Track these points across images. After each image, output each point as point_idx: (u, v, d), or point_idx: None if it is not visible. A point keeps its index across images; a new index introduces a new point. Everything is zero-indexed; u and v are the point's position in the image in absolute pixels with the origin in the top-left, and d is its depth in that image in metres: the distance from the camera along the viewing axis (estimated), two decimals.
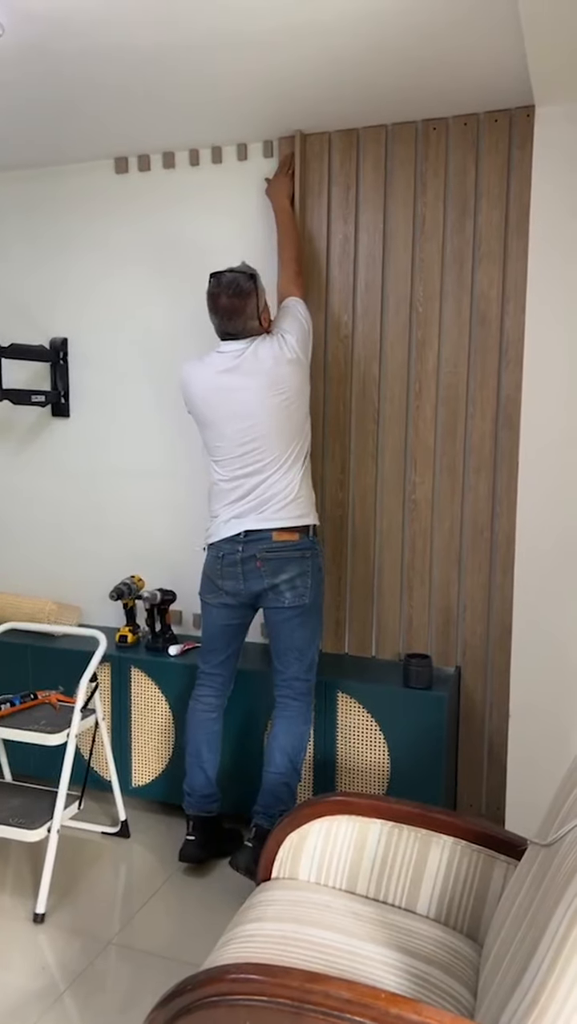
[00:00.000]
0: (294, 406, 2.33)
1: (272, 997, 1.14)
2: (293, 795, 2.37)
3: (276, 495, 2.33)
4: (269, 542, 2.32)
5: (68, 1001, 1.95)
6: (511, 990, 1.12)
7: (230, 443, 2.33)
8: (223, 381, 2.32)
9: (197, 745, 2.46)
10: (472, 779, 2.65)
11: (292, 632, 2.36)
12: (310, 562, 2.36)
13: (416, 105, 2.40)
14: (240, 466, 2.34)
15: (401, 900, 1.65)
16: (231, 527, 2.37)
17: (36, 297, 3.11)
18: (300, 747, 2.37)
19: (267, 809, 2.34)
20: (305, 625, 2.37)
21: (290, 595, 2.33)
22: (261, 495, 2.34)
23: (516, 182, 2.43)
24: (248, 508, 2.35)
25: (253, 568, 2.34)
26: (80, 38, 2.00)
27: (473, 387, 2.55)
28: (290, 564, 2.33)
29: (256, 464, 2.32)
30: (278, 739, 2.37)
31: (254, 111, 2.46)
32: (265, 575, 2.34)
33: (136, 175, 2.90)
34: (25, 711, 2.49)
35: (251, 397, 2.29)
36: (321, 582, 2.42)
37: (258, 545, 2.33)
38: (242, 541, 2.35)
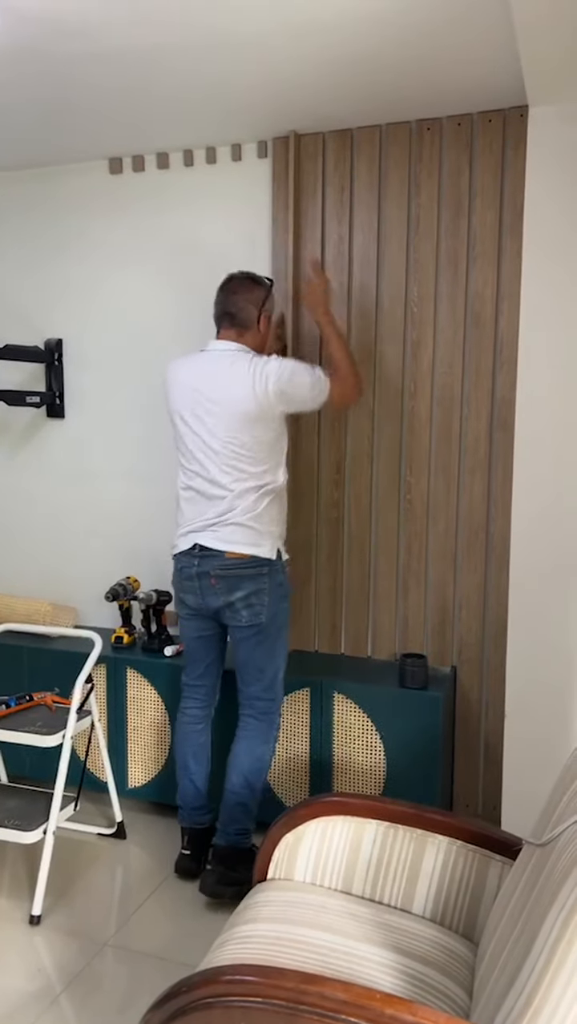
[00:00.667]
0: (260, 430, 2.22)
1: (267, 998, 1.14)
2: (250, 815, 2.33)
3: (232, 520, 2.24)
4: (223, 558, 2.25)
5: (65, 1003, 1.95)
6: (506, 990, 1.13)
7: (193, 448, 2.28)
8: (200, 384, 2.26)
9: (184, 758, 2.44)
10: (468, 779, 2.66)
11: (251, 651, 2.31)
12: (268, 579, 2.26)
13: (410, 105, 2.40)
14: (203, 477, 2.27)
15: (397, 900, 1.65)
16: (188, 540, 2.31)
17: (31, 298, 3.11)
18: (260, 768, 2.32)
19: (224, 827, 2.32)
20: (263, 644, 2.30)
21: (246, 613, 2.26)
22: (217, 513, 2.25)
23: (510, 182, 2.43)
24: (206, 522, 2.27)
25: (208, 585, 2.28)
26: (75, 39, 2.00)
27: (468, 387, 2.55)
28: (245, 582, 2.24)
29: (216, 482, 2.25)
30: (237, 759, 2.33)
31: (248, 112, 2.46)
32: (220, 592, 2.26)
33: (130, 176, 2.90)
34: (21, 712, 2.49)
35: (218, 411, 2.23)
36: (283, 599, 2.33)
37: (212, 561, 2.26)
38: (197, 555, 2.29)
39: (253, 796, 2.32)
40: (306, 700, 2.54)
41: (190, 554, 2.30)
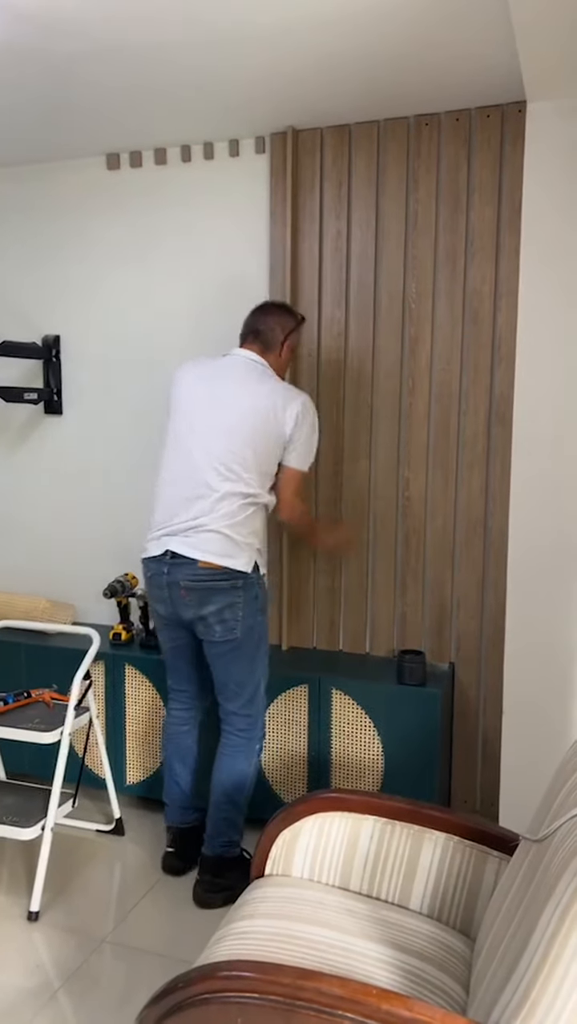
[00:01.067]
0: (255, 455, 2.18)
1: (264, 994, 1.14)
2: (236, 827, 2.31)
3: (209, 526, 2.16)
4: (195, 567, 2.16)
5: (62, 999, 1.95)
6: (503, 985, 1.13)
7: (186, 448, 2.21)
8: (218, 382, 2.23)
9: (170, 760, 2.43)
10: (466, 775, 2.66)
11: (227, 667, 2.25)
12: (242, 592, 2.18)
13: (408, 101, 2.40)
14: (187, 480, 2.19)
15: (394, 896, 1.65)
16: (159, 544, 2.22)
17: (28, 294, 3.10)
18: (243, 784, 2.29)
19: (211, 839, 2.30)
20: (239, 660, 2.23)
21: (220, 628, 2.19)
22: (195, 518, 2.17)
23: (508, 178, 2.43)
24: (180, 526, 2.19)
25: (179, 597, 2.19)
26: (72, 36, 1.99)
27: (466, 384, 2.55)
28: (217, 595, 2.16)
29: (202, 487, 2.17)
30: (219, 775, 2.29)
31: (246, 107, 2.45)
32: (191, 605, 2.18)
33: (128, 172, 2.89)
34: (19, 709, 2.49)
35: (231, 412, 2.19)
36: (259, 612, 2.24)
37: (183, 571, 2.16)
38: (168, 562, 2.19)
39: (238, 810, 2.30)
40: (304, 696, 2.54)
41: (160, 560, 2.22)
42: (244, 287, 2.77)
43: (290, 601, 2.81)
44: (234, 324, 2.79)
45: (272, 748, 2.60)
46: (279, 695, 2.56)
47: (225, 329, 2.80)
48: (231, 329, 2.79)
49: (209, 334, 2.83)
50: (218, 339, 2.81)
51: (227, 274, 2.80)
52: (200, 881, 2.31)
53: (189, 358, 2.43)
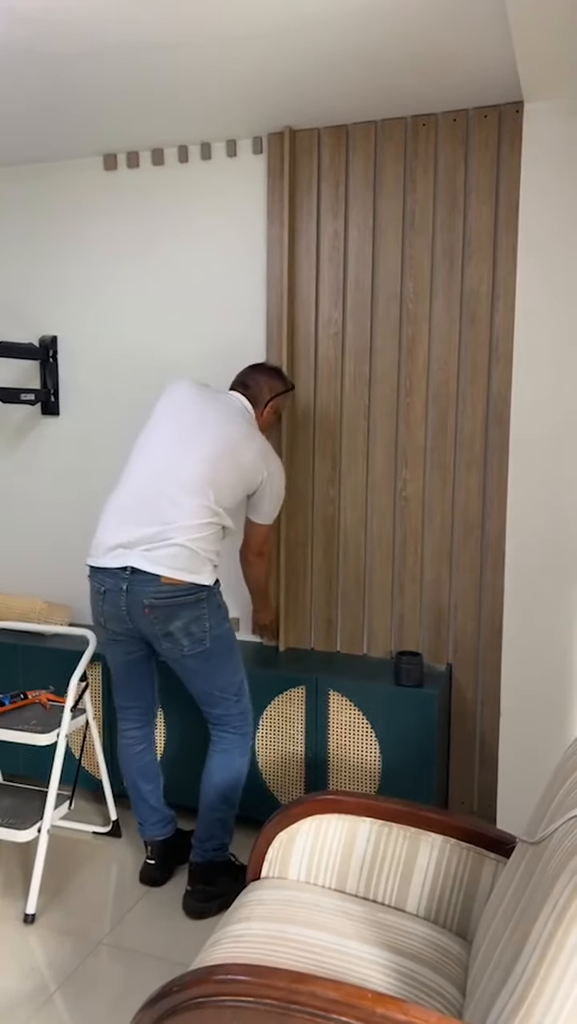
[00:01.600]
0: (233, 479, 2.20)
1: (258, 998, 1.13)
2: (228, 829, 2.30)
3: (174, 541, 2.10)
4: (158, 584, 2.09)
5: (59, 1001, 1.94)
6: (499, 988, 1.12)
7: (173, 443, 2.18)
8: (211, 404, 2.26)
9: (133, 779, 2.40)
10: (464, 776, 2.65)
11: (207, 678, 2.22)
12: (206, 604, 2.14)
13: (406, 101, 2.39)
14: (154, 493, 2.14)
15: (391, 898, 1.65)
16: (115, 556, 2.13)
17: (25, 295, 3.10)
18: (237, 781, 2.27)
19: (201, 844, 2.27)
20: (216, 668, 2.22)
21: (188, 642, 2.14)
22: (159, 533, 2.11)
23: (506, 178, 2.42)
24: (140, 540, 2.11)
25: (141, 614, 2.12)
26: (69, 36, 1.99)
27: (463, 384, 2.54)
28: (183, 610, 2.11)
29: (167, 503, 2.12)
30: (212, 776, 2.26)
31: (243, 108, 2.45)
32: (156, 622, 2.12)
33: (125, 172, 2.88)
34: (15, 711, 2.48)
35: (217, 432, 2.19)
36: (224, 620, 2.22)
37: (145, 588, 2.09)
38: (128, 579, 2.11)
39: (232, 809, 2.28)
40: (301, 698, 2.54)
41: (117, 576, 2.13)
42: (241, 287, 2.77)
43: (287, 602, 2.80)
44: (231, 324, 2.80)
45: (269, 749, 2.59)
46: (276, 696, 2.56)
47: (221, 329, 2.80)
48: (227, 330, 2.80)
49: (206, 335, 2.83)
50: (215, 340, 2.81)
51: (224, 274, 2.79)
52: (192, 891, 2.27)
53: (190, 376, 2.45)
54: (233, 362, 2.67)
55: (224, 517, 2.21)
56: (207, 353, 2.83)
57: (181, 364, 2.87)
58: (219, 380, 2.59)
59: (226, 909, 2.19)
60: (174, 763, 2.65)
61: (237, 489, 2.24)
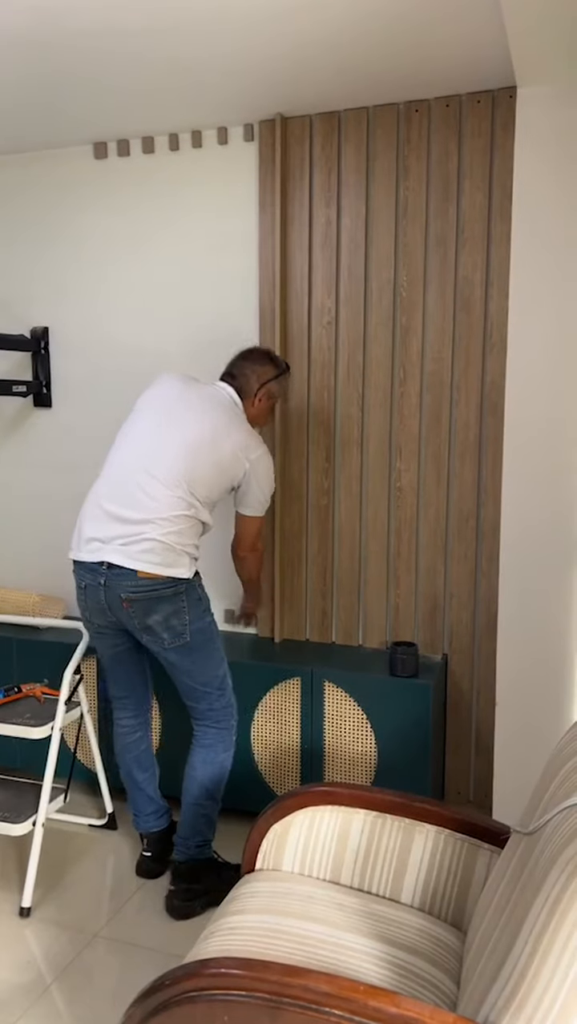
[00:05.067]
0: (212, 474, 2.15)
1: (251, 991, 1.12)
2: (212, 825, 2.27)
3: (149, 536, 2.07)
4: (134, 578, 2.07)
5: (55, 994, 1.94)
6: (492, 980, 1.11)
7: (151, 442, 2.15)
8: (194, 397, 2.22)
9: (128, 769, 2.40)
10: (460, 767, 2.65)
11: (188, 671, 2.20)
12: (185, 597, 2.12)
13: (398, 87, 2.36)
14: (131, 488, 2.11)
15: (385, 890, 1.64)
16: (92, 550, 2.12)
17: (15, 285, 3.07)
18: (220, 776, 2.25)
19: (185, 842, 2.25)
20: (197, 663, 2.19)
21: (168, 636, 2.13)
22: (135, 529, 2.08)
23: (499, 165, 2.40)
24: (116, 537, 2.09)
25: (121, 608, 2.12)
26: (58, 22, 1.96)
27: (457, 373, 2.53)
28: (161, 603, 2.09)
29: (145, 497, 2.09)
30: (195, 771, 2.24)
31: (234, 95, 2.42)
32: (135, 615, 2.11)
33: (115, 160, 2.85)
34: (9, 704, 2.47)
35: (197, 428, 2.15)
36: (205, 612, 2.19)
37: (123, 582, 2.07)
38: (104, 573, 2.10)
39: (215, 804, 2.26)
40: (296, 689, 2.53)
41: (95, 571, 2.12)
42: (233, 276, 2.75)
43: (282, 593, 2.79)
44: (223, 314, 2.77)
45: (264, 741, 2.59)
46: (271, 688, 2.55)
47: (214, 319, 2.78)
48: (220, 319, 2.77)
49: (198, 325, 2.81)
50: (207, 330, 2.79)
51: (216, 263, 2.77)
52: (175, 891, 2.23)
53: (181, 367, 2.41)
54: (225, 351, 2.64)
55: (200, 511, 2.15)
56: (199, 343, 2.81)
57: (173, 354, 2.85)
58: (211, 369, 2.56)
59: (212, 907, 2.20)
60: (170, 754, 2.64)
61: (217, 481, 2.18)
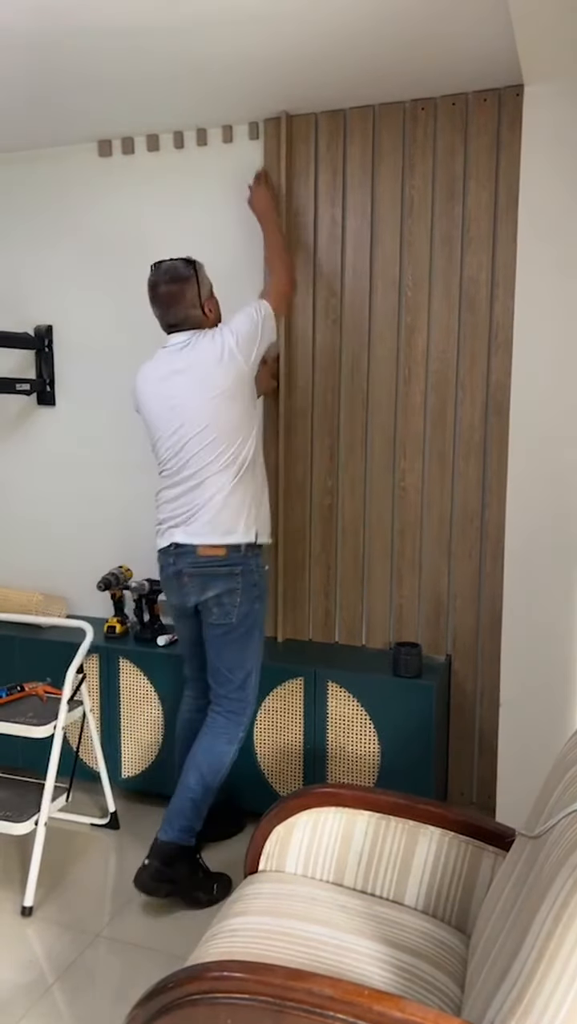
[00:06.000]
0: (224, 406, 2.18)
1: (254, 995, 1.12)
2: (199, 814, 2.25)
3: (203, 504, 2.20)
4: (194, 556, 2.21)
5: (57, 994, 1.94)
6: (497, 984, 1.11)
7: (165, 444, 2.25)
8: (163, 376, 2.25)
9: (182, 745, 2.43)
10: (463, 768, 2.64)
11: (219, 651, 2.27)
12: (240, 579, 2.21)
13: (404, 85, 2.35)
14: (175, 470, 2.24)
15: (389, 892, 1.63)
16: (166, 537, 2.28)
17: (20, 283, 3.06)
18: (219, 768, 2.26)
19: (169, 821, 2.24)
20: (231, 645, 2.25)
21: (217, 611, 2.23)
22: (191, 503, 2.22)
23: (505, 164, 2.39)
24: (179, 519, 2.24)
25: (183, 583, 2.25)
26: (63, 19, 1.95)
27: (462, 373, 2.51)
28: (216, 581, 2.21)
29: (187, 470, 2.21)
30: (196, 757, 2.27)
31: (239, 92, 2.41)
32: (192, 591, 2.24)
33: (120, 158, 2.85)
34: (12, 703, 2.47)
35: (182, 394, 2.20)
36: (256, 600, 2.26)
37: (185, 559, 2.22)
38: (173, 554, 2.26)
39: (206, 796, 2.25)
40: (300, 689, 2.52)
41: (167, 552, 2.28)
42: (238, 275, 2.73)
43: (285, 593, 2.79)
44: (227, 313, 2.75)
45: (267, 741, 2.58)
46: (274, 688, 2.54)
47: None
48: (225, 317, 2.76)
49: None
50: None
51: (221, 262, 2.75)
52: (147, 866, 2.21)
53: (144, 361, 2.38)
54: None
55: (242, 452, 2.21)
56: None
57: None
58: None
59: (175, 897, 2.20)
60: None
61: (248, 406, 2.24)
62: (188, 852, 2.25)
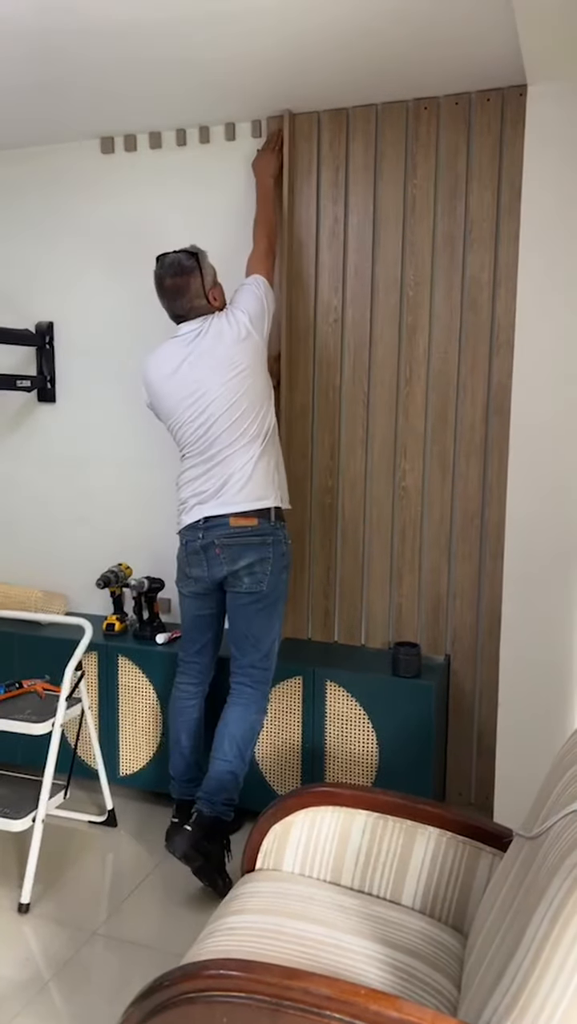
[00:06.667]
0: (248, 382, 2.27)
1: (250, 994, 1.12)
2: (238, 785, 2.32)
3: (232, 475, 2.28)
4: (227, 527, 2.28)
5: (53, 991, 1.94)
6: (493, 985, 1.11)
7: (189, 427, 2.30)
8: (178, 364, 2.31)
9: (177, 732, 2.46)
10: (462, 768, 2.64)
11: (249, 619, 2.32)
12: (271, 549, 2.29)
13: (407, 84, 2.35)
14: (200, 450, 2.30)
15: (386, 892, 1.63)
16: (193, 514, 2.33)
17: (21, 280, 3.06)
18: (251, 737, 2.33)
19: (210, 796, 2.28)
20: (262, 613, 2.32)
21: (248, 580, 2.29)
22: (220, 476, 2.29)
23: (508, 163, 2.39)
24: (209, 493, 2.30)
25: (213, 555, 2.30)
26: (66, 15, 1.95)
27: (464, 373, 2.51)
28: (249, 550, 2.28)
29: (215, 447, 2.28)
30: (229, 727, 2.32)
31: (242, 90, 2.41)
32: (224, 562, 2.29)
33: (122, 155, 2.84)
34: (10, 700, 2.47)
35: (204, 377, 2.26)
36: (284, 570, 2.35)
37: (216, 531, 2.29)
38: (202, 528, 2.31)
39: (243, 765, 2.32)
40: (299, 688, 2.52)
41: (195, 527, 2.32)
42: (239, 273, 2.73)
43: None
44: None
45: (266, 740, 2.58)
46: (273, 687, 2.54)
47: None
48: None
49: None
50: None
51: (223, 260, 2.75)
52: (190, 835, 2.21)
53: (151, 352, 2.41)
54: None
55: (263, 420, 2.30)
56: None
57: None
58: None
59: (202, 873, 2.20)
60: None
61: (264, 377, 2.34)
62: (224, 830, 2.31)
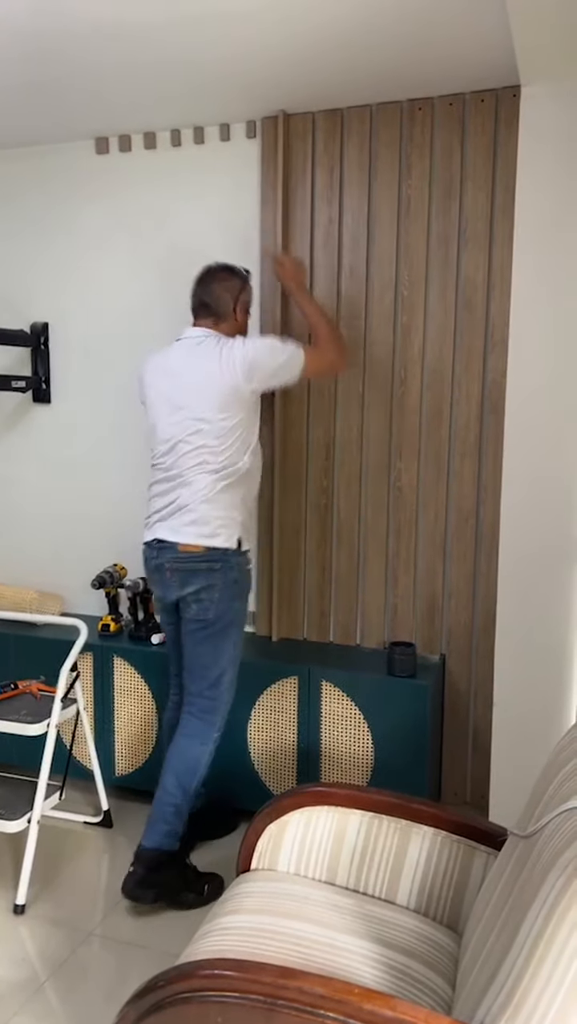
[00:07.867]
0: (217, 416, 2.18)
1: (245, 993, 1.12)
2: (181, 818, 2.23)
3: (188, 503, 2.22)
4: (176, 551, 2.23)
5: (49, 992, 1.94)
6: (488, 984, 1.11)
7: (161, 437, 2.27)
8: (169, 371, 2.28)
9: (167, 742, 2.40)
10: (457, 767, 2.65)
11: (196, 646, 2.27)
12: (220, 576, 2.22)
13: (401, 84, 2.35)
14: (165, 466, 2.27)
15: (381, 891, 1.64)
16: (150, 531, 2.31)
17: (15, 281, 3.06)
18: (193, 770, 2.24)
19: (151, 827, 2.22)
20: (207, 641, 2.25)
21: (196, 607, 2.24)
22: (176, 497, 2.24)
23: (502, 164, 2.39)
24: (165, 512, 2.27)
25: (166, 577, 2.27)
26: (60, 16, 1.95)
27: (458, 372, 2.52)
28: (196, 576, 2.22)
29: (177, 468, 2.23)
30: (171, 760, 2.26)
31: (237, 91, 2.41)
32: (174, 585, 2.26)
33: (117, 156, 2.84)
34: (5, 701, 2.46)
35: (182, 395, 2.23)
36: (236, 597, 2.27)
37: (167, 554, 2.25)
38: (156, 547, 2.28)
39: (185, 798, 2.24)
40: (294, 688, 2.52)
41: (151, 546, 2.30)
42: None
43: (280, 592, 2.79)
44: None
45: (261, 740, 2.58)
46: (268, 687, 2.55)
47: None
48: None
49: None
50: None
51: (217, 260, 2.76)
52: (134, 873, 2.20)
53: (153, 350, 2.40)
54: None
55: (238, 463, 2.22)
56: None
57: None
58: None
59: (163, 901, 2.19)
60: None
61: (236, 413, 2.20)
62: (173, 856, 2.23)
